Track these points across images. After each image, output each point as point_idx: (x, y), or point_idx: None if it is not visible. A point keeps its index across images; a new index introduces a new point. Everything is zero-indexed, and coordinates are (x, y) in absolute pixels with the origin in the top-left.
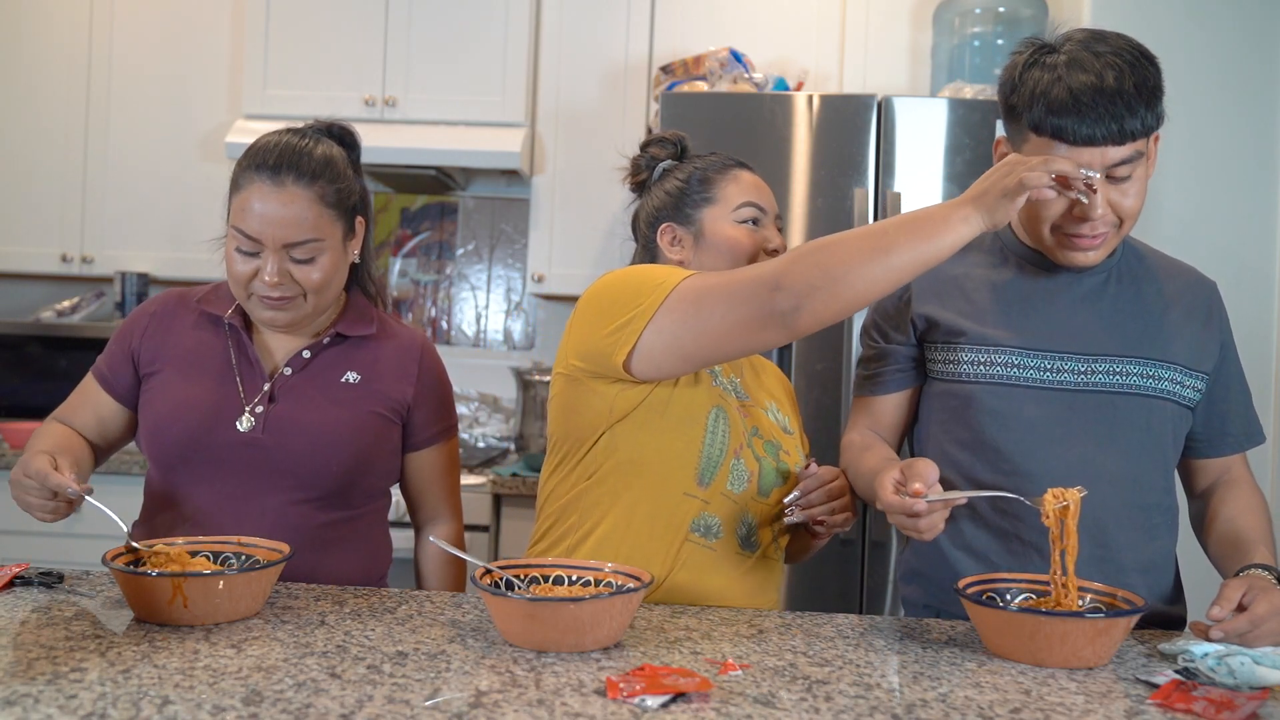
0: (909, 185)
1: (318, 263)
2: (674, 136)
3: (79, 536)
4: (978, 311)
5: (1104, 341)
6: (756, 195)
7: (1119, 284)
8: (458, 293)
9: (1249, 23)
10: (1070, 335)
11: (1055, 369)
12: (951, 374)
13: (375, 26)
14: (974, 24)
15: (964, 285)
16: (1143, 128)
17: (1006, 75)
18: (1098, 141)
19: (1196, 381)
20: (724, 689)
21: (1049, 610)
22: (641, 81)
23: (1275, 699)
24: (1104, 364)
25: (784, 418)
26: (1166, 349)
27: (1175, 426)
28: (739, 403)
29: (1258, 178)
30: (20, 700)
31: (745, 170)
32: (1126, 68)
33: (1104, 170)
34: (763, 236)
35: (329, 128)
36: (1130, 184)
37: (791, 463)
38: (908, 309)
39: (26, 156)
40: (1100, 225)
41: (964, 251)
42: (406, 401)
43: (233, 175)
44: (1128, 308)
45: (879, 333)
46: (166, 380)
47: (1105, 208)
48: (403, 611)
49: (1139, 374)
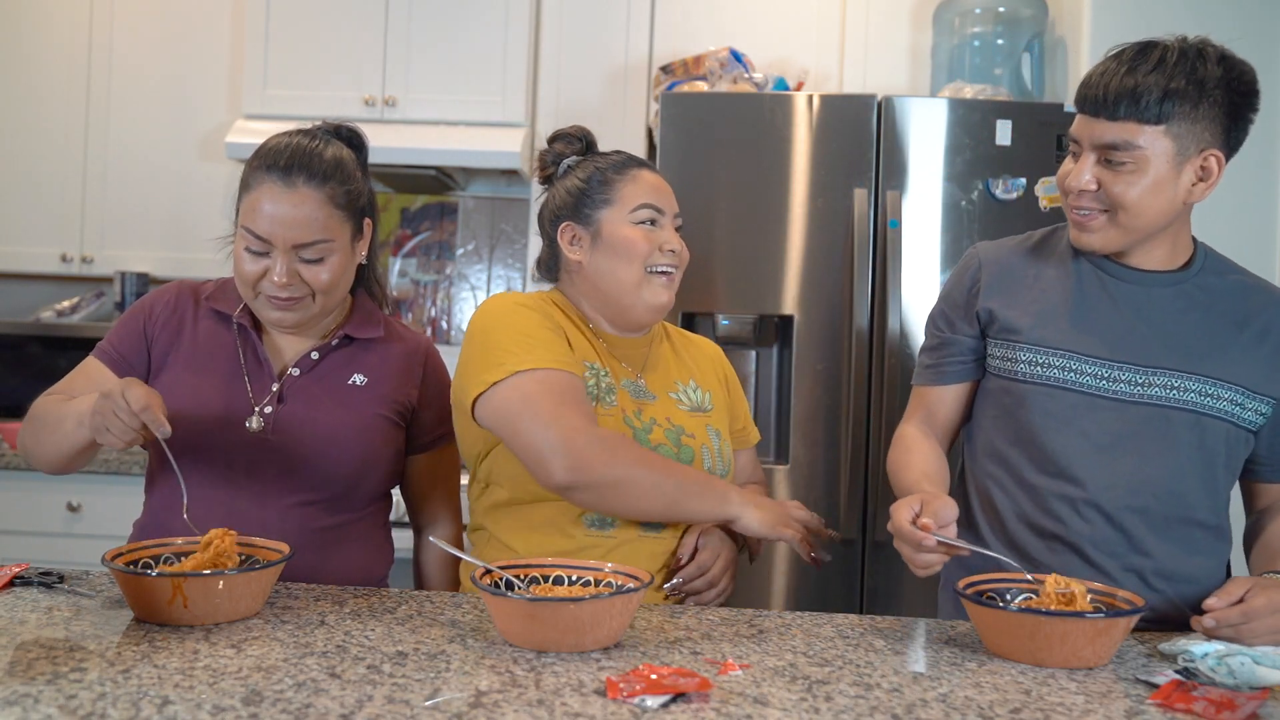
0: (909, 185)
1: (327, 263)
2: (578, 132)
3: (79, 536)
4: (1041, 312)
5: (1163, 355)
6: (654, 196)
7: (1189, 298)
8: (458, 293)
9: (1249, 23)
10: (1130, 345)
11: (1111, 378)
12: (1008, 371)
13: (375, 26)
14: (974, 24)
15: (1033, 284)
16: (1136, 107)
17: None
18: (1089, 110)
19: (1260, 405)
20: (724, 689)
21: (1049, 610)
22: (641, 81)
23: (1275, 699)
24: (1161, 377)
25: (703, 394)
26: (1229, 369)
27: (1230, 447)
28: (635, 404)
29: (1258, 178)
30: (20, 700)
31: (645, 170)
32: (1169, 55)
33: (1093, 146)
34: (659, 238)
35: (337, 129)
36: (1126, 174)
37: (696, 444)
38: (975, 300)
39: (26, 156)
40: (1084, 200)
41: (1038, 252)
42: (412, 405)
43: (242, 176)
44: (1194, 323)
45: (945, 322)
46: (177, 375)
47: (1089, 183)
48: (403, 611)
49: (1197, 391)
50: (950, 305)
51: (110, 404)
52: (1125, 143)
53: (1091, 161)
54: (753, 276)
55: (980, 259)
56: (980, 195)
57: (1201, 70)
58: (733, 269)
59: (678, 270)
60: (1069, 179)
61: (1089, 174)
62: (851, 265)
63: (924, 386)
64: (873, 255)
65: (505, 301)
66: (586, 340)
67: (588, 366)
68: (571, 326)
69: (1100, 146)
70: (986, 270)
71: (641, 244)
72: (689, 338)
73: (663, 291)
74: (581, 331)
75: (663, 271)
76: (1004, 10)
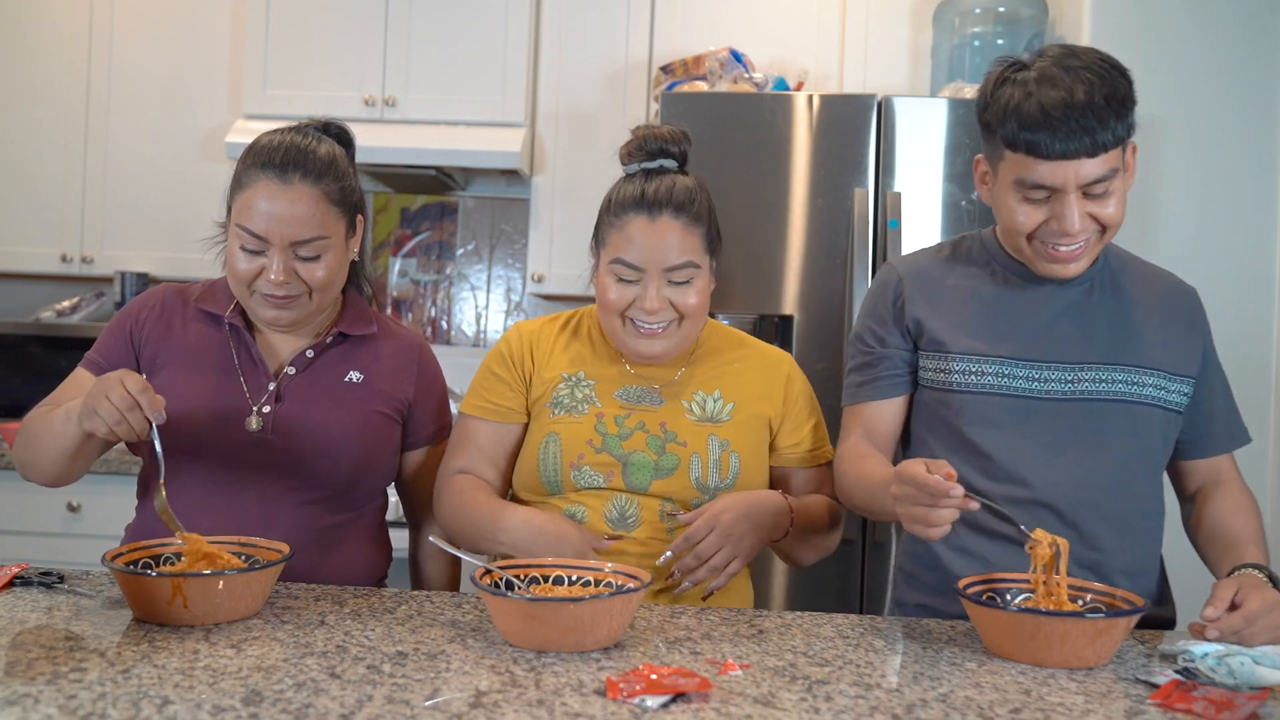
0: (909, 185)
1: (323, 260)
2: (656, 137)
3: (79, 536)
4: (967, 323)
5: (1089, 350)
6: (634, 253)
7: (1101, 293)
8: (458, 293)
9: (1249, 23)
10: (1056, 345)
11: (1043, 379)
12: (943, 383)
13: (375, 26)
14: (974, 24)
15: (953, 294)
16: (1114, 139)
17: (980, 93)
18: (1071, 155)
19: (1182, 386)
20: (724, 689)
21: (1049, 610)
22: (641, 81)
23: (1275, 699)
24: (1090, 372)
25: (722, 405)
26: (1149, 356)
27: (1164, 432)
28: (625, 409)
29: (1258, 178)
30: (20, 700)
31: (640, 218)
32: (1097, 80)
33: (1078, 187)
34: (630, 296)
35: (326, 126)
36: (1109, 196)
37: (685, 452)
38: (903, 313)
39: (26, 156)
40: (1079, 237)
41: (952, 262)
42: (408, 401)
43: (235, 174)
44: (1110, 316)
45: (874, 338)
46: (170, 379)
47: (1084, 220)
48: (403, 611)
49: (1124, 381)
50: (876, 321)
51: (103, 386)
52: (1110, 170)
53: (1075, 200)
54: (753, 276)
55: (899, 273)
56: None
57: (1122, 77)
58: (733, 269)
59: (669, 325)
60: (1060, 223)
61: (1080, 214)
62: (851, 265)
63: (859, 404)
64: (873, 255)
65: (511, 330)
66: (590, 349)
67: (565, 378)
68: (583, 336)
69: (1086, 184)
70: (908, 283)
71: (610, 299)
72: (751, 347)
73: (645, 345)
74: (591, 342)
75: (643, 326)
76: (1004, 10)
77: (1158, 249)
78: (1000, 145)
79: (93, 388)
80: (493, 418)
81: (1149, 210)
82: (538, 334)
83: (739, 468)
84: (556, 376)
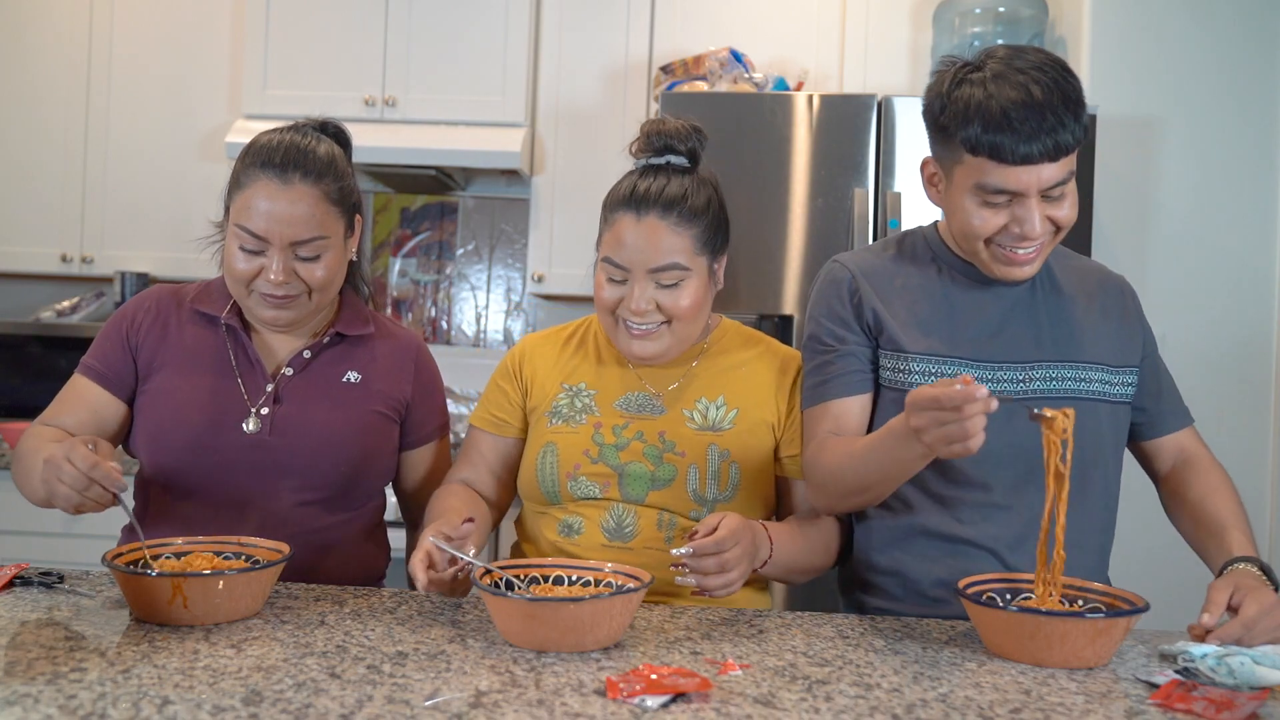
0: (909, 185)
1: (322, 260)
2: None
3: (79, 536)
4: (920, 322)
5: (1036, 349)
6: (621, 253)
7: (1043, 291)
8: (458, 293)
9: (1249, 23)
10: (1006, 345)
11: (996, 379)
12: (901, 383)
13: (375, 26)
14: (974, 24)
15: (903, 292)
16: (1074, 140)
17: (933, 95)
18: (1034, 159)
19: (1127, 377)
20: (724, 689)
21: (1049, 610)
22: (641, 81)
23: (1275, 699)
24: (1039, 371)
25: (725, 412)
26: (1091, 350)
27: (1114, 425)
28: (625, 419)
29: (1258, 178)
30: (20, 700)
31: (630, 216)
32: (1050, 82)
33: (1039, 191)
34: (619, 295)
35: (323, 125)
36: (1065, 198)
37: (683, 463)
38: (861, 309)
39: (26, 156)
40: (1038, 240)
41: (899, 261)
42: (405, 400)
43: (234, 174)
44: (1053, 314)
45: (833, 337)
46: (167, 381)
47: (1044, 224)
48: (403, 611)
49: (1072, 378)
50: (833, 320)
51: (54, 468)
52: (1069, 173)
53: (1036, 204)
54: (753, 276)
55: (850, 269)
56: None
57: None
58: (733, 269)
59: (658, 327)
60: (1021, 227)
61: (1040, 218)
62: None
63: (823, 404)
64: None
65: (518, 343)
66: (595, 357)
67: (565, 389)
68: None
69: (1047, 188)
70: (861, 280)
71: (603, 297)
72: (761, 348)
73: (638, 346)
74: (597, 350)
75: (633, 327)
76: (1004, 10)
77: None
78: (959, 148)
79: (45, 466)
80: (493, 430)
81: (1149, 210)
82: (539, 346)
83: (739, 479)
84: (556, 387)
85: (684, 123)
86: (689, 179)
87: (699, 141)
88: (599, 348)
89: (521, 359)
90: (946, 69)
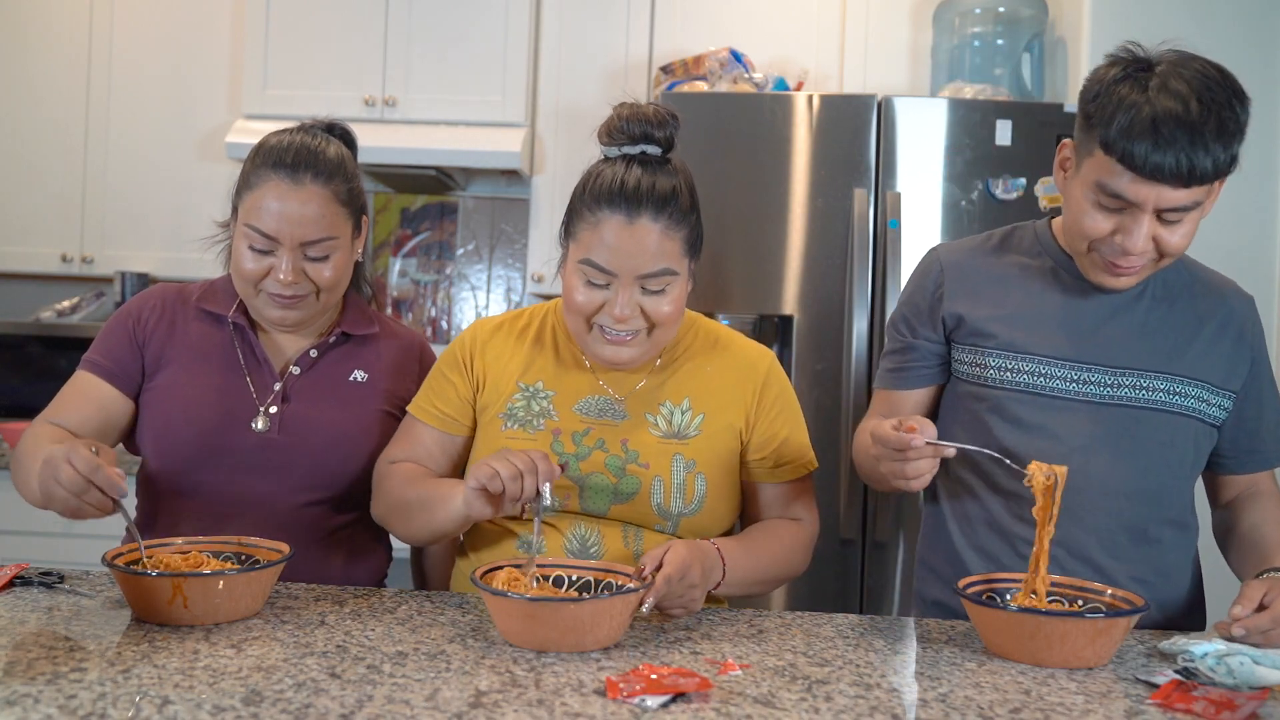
0: (909, 185)
1: (331, 261)
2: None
3: (79, 536)
4: (1009, 316)
5: (1131, 356)
6: (604, 255)
7: (1153, 299)
8: (458, 293)
9: (1249, 22)
10: (1098, 347)
11: (1081, 380)
12: (978, 377)
13: (375, 26)
14: (974, 24)
15: (999, 285)
16: (1213, 169)
17: (1092, 83)
18: (1163, 178)
19: (1224, 400)
20: (724, 689)
21: (1049, 610)
22: (641, 81)
23: (1275, 699)
24: (1130, 378)
25: (690, 418)
26: (1195, 366)
27: (1197, 444)
28: (586, 424)
29: (1258, 178)
30: (20, 700)
31: (617, 217)
32: (1213, 104)
33: (1156, 210)
34: (599, 301)
35: (330, 126)
36: (1181, 225)
37: (647, 475)
38: (940, 305)
39: (26, 156)
40: (1138, 259)
41: (1000, 252)
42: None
43: (243, 174)
44: (1159, 323)
45: (907, 327)
46: (175, 377)
47: (1147, 243)
48: (403, 611)
49: (1165, 390)
50: (912, 310)
51: (52, 469)
52: (1194, 202)
53: (1148, 221)
54: (753, 276)
55: (942, 263)
56: (980, 195)
57: (1240, 109)
58: (733, 269)
59: (637, 335)
60: (1125, 240)
61: (1146, 236)
62: (851, 265)
63: (888, 390)
64: (872, 255)
65: (467, 329)
66: (553, 354)
67: (521, 389)
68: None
69: (1165, 209)
70: (949, 274)
71: (578, 299)
72: (727, 348)
73: (611, 351)
74: (554, 346)
75: (610, 333)
76: (1004, 10)
77: None
78: (1095, 142)
79: (43, 466)
80: (438, 426)
81: None
82: (492, 337)
83: (705, 491)
84: (512, 386)
85: (661, 108)
86: (672, 174)
87: (675, 129)
88: (557, 343)
89: (473, 350)
90: (1120, 58)
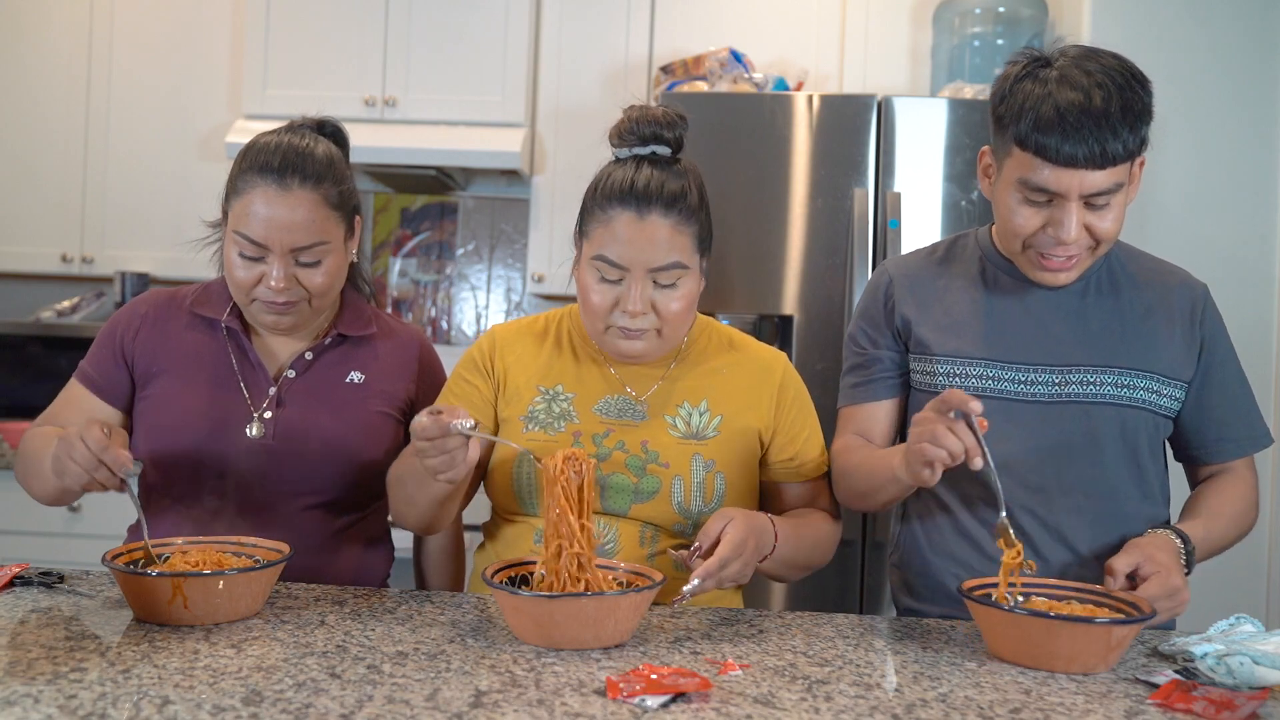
0: (909, 185)
1: (323, 265)
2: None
3: (79, 536)
4: (955, 323)
5: (1079, 352)
6: (617, 250)
7: (1097, 293)
8: (458, 293)
9: (1249, 23)
10: (1045, 347)
11: (1029, 381)
12: (929, 385)
13: (375, 26)
14: (974, 24)
15: (943, 295)
16: (1124, 151)
17: (998, 86)
18: (1079, 164)
19: (1175, 390)
20: (724, 689)
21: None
22: (641, 81)
23: (1275, 699)
24: (1078, 374)
25: (709, 419)
26: (1143, 358)
27: (1151, 436)
28: (607, 425)
29: (1258, 177)
30: (20, 700)
31: (628, 214)
32: (1114, 89)
33: (1081, 196)
34: (614, 297)
35: (321, 125)
36: (1109, 210)
37: (668, 475)
38: (893, 315)
39: (26, 156)
40: (1073, 248)
41: (945, 262)
42: (410, 399)
43: (230, 178)
44: (1105, 317)
45: (867, 340)
46: (167, 386)
47: (1080, 231)
48: (403, 611)
49: (1114, 384)
50: (868, 323)
51: (67, 445)
52: (1115, 184)
53: (1076, 209)
54: (753, 276)
55: (890, 274)
56: (980, 195)
57: (1143, 91)
58: (733, 269)
59: (650, 330)
60: (1057, 231)
61: (1077, 224)
62: (851, 265)
63: (853, 406)
64: (872, 255)
65: (485, 335)
66: (571, 357)
67: (542, 392)
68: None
69: (1090, 195)
70: (898, 285)
71: (593, 297)
72: (742, 351)
73: (626, 345)
74: (573, 349)
75: (625, 329)
76: (1004, 10)
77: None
78: (1010, 141)
79: (59, 443)
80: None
81: (1149, 210)
82: (513, 339)
83: (724, 490)
84: (532, 390)
85: (670, 110)
86: (681, 173)
87: (684, 130)
88: (575, 345)
89: (494, 351)
90: (1018, 61)
